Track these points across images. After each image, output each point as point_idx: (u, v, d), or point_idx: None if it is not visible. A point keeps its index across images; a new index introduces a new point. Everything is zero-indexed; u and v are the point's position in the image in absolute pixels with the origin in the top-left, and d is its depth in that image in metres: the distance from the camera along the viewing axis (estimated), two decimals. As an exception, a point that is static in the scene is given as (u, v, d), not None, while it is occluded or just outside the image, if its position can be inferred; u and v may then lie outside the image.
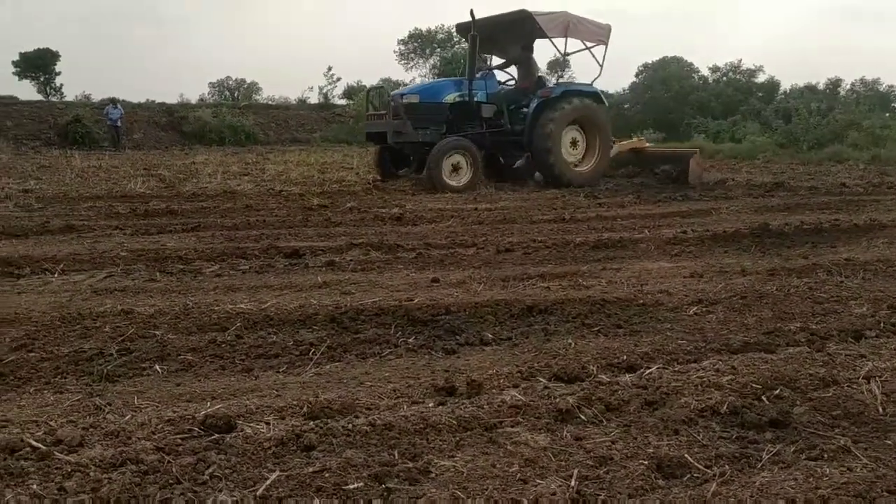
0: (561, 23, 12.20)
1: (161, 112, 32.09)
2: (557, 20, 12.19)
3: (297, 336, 3.58)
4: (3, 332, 3.59)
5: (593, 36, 12.76)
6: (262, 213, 8.47)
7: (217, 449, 2.25)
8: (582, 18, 12.50)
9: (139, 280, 4.84)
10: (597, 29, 12.70)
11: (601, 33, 12.74)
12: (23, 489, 1.98)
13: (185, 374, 3.04)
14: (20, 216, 7.93)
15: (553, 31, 12.27)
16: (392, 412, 2.59)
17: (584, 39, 12.78)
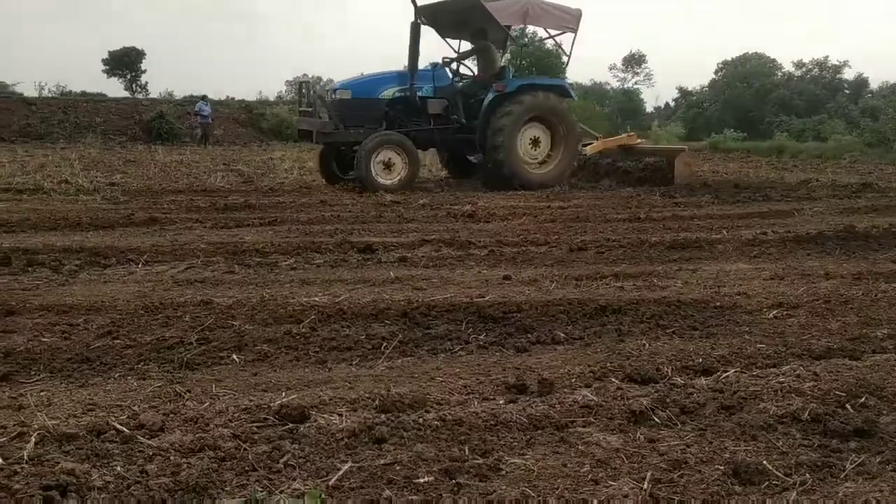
0: (518, 9, 11.16)
1: (240, 109, 32.91)
2: (513, 6, 11.15)
3: (370, 330, 3.62)
4: (90, 319, 3.73)
5: (559, 23, 11.62)
6: (336, 208, 8.59)
7: (291, 438, 2.29)
8: (545, 3, 11.38)
9: (218, 272, 4.97)
10: (563, 15, 11.52)
11: (569, 20, 11.54)
12: (108, 470, 2.06)
13: (261, 364, 3.11)
14: (107, 209, 8.24)
15: (508, 19, 11.26)
16: (463, 408, 2.59)
17: (547, 27, 11.82)
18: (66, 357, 3.12)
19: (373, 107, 10.93)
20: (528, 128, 11.21)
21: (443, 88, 11.40)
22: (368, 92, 10.98)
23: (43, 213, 7.66)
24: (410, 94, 11.04)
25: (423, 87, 11.18)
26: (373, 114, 10.92)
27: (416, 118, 11.30)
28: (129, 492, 1.94)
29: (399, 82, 11.06)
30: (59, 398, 2.67)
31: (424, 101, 11.20)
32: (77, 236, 6.32)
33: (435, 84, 11.31)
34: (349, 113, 10.82)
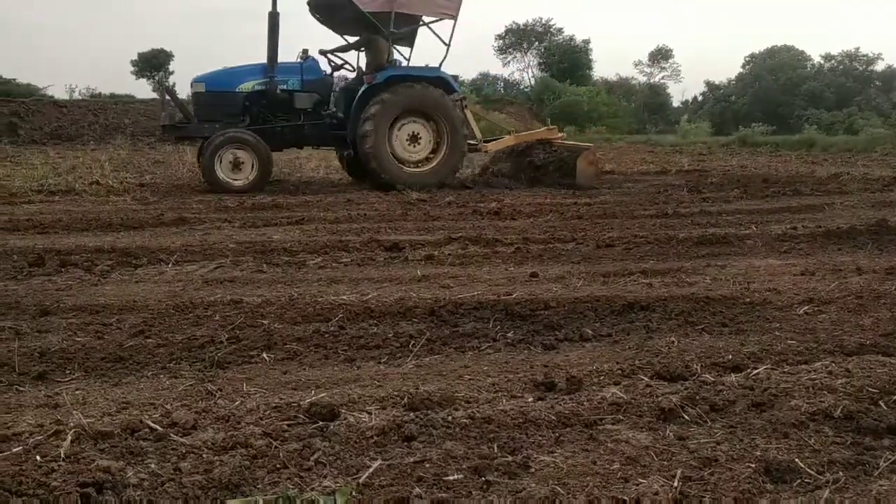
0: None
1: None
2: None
3: (398, 328, 3.63)
4: (122, 318, 3.79)
5: (435, 9, 10.74)
6: (362, 206, 8.63)
7: (321, 436, 2.31)
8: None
9: (247, 271, 5.02)
10: (439, 0, 10.68)
11: (446, 5, 10.66)
12: (142, 468, 2.09)
13: (290, 362, 3.14)
14: (137, 209, 8.35)
15: (372, 6, 10.35)
16: (491, 406, 2.59)
17: (421, 13, 10.88)
18: (99, 356, 3.17)
19: (229, 100, 10.43)
20: (407, 123, 10.56)
21: (313, 82, 10.84)
22: (224, 85, 10.50)
23: (75, 214, 7.78)
24: (270, 87, 10.49)
25: (288, 80, 10.66)
26: (230, 108, 10.44)
27: (283, 113, 10.73)
28: (163, 489, 1.97)
29: (260, 75, 10.53)
30: (94, 397, 2.71)
31: (291, 95, 10.66)
32: (108, 237, 6.41)
33: (303, 77, 10.75)
34: (205, 107, 10.42)
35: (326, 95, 11.04)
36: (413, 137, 10.59)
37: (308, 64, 10.92)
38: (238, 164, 9.90)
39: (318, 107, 10.87)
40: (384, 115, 10.23)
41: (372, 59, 11.14)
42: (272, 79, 10.45)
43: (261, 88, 10.51)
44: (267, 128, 10.51)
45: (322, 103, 10.93)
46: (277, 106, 10.67)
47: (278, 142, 10.87)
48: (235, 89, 10.45)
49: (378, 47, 11.08)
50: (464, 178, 11.85)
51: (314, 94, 10.81)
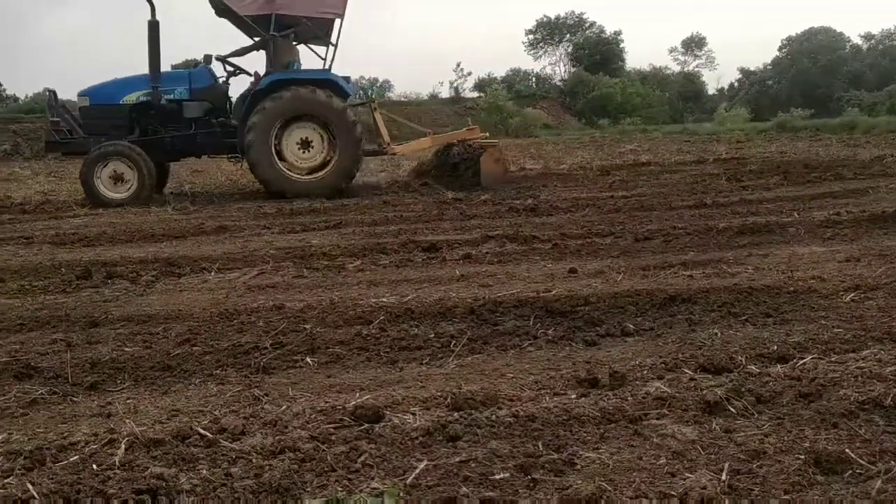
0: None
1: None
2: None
3: (438, 328, 3.65)
4: (168, 327, 3.86)
5: (317, 8, 10.22)
6: (398, 208, 8.68)
7: (367, 438, 2.34)
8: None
9: (288, 276, 5.08)
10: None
11: (330, 3, 10.17)
12: (194, 474, 2.14)
13: (334, 366, 3.18)
14: (178, 219, 8.49)
15: (249, 8, 9.95)
16: (534, 403, 2.60)
17: (302, 13, 10.25)
18: (148, 365, 3.24)
19: (115, 113, 10.22)
20: (297, 128, 10.17)
21: (203, 89, 10.50)
22: (108, 97, 10.31)
23: (118, 226, 7.94)
24: (154, 97, 10.23)
25: (175, 89, 10.38)
26: (116, 121, 10.22)
27: (172, 123, 10.41)
28: (215, 494, 2.01)
29: (144, 86, 10.27)
30: (145, 405, 2.77)
31: (180, 104, 10.36)
32: (152, 247, 6.54)
33: (191, 85, 10.46)
34: (91, 120, 10.22)
35: (219, 102, 10.72)
36: (304, 143, 10.24)
37: (197, 71, 10.74)
38: (118, 177, 9.77)
39: (209, 115, 10.58)
40: (266, 123, 9.93)
41: (271, 61, 10.75)
42: (156, 89, 10.23)
43: (146, 99, 10.29)
44: (155, 139, 10.34)
45: (214, 111, 10.64)
46: (165, 116, 10.42)
47: (168, 152, 10.70)
48: (120, 102, 10.27)
49: (277, 49, 10.71)
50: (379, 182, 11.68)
51: (204, 102, 10.51)
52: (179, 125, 10.40)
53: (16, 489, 2.04)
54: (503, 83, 42.03)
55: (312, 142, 10.21)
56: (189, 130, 10.40)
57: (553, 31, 55.53)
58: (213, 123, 10.55)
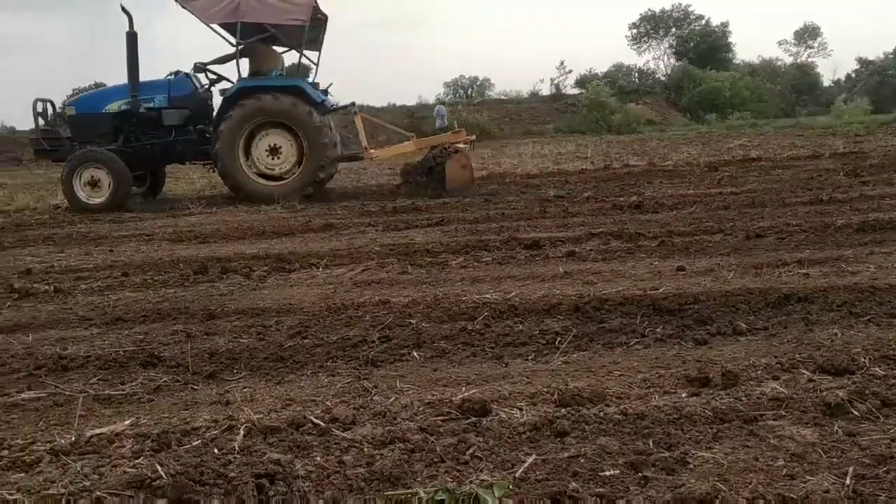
0: (226, 4, 10.04)
1: (402, 114, 33.88)
2: (221, 2, 10.05)
3: (543, 325, 3.64)
4: (280, 321, 4.00)
5: (282, 15, 10.27)
6: (500, 205, 8.68)
7: (475, 431, 2.36)
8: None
9: (392, 272, 5.17)
10: (285, 5, 10.23)
11: (294, 10, 10.24)
12: (309, 461, 2.21)
13: (440, 360, 3.21)
14: (287, 217, 8.77)
15: (215, 17, 10.24)
16: (643, 402, 2.56)
17: (267, 21, 10.36)
18: (262, 356, 3.36)
19: (98, 122, 10.57)
20: (267, 134, 10.35)
21: (182, 98, 10.79)
22: (92, 107, 10.72)
23: (231, 223, 8.27)
24: (133, 106, 10.56)
25: (154, 98, 10.68)
26: (99, 129, 10.56)
27: (152, 131, 10.75)
28: (329, 481, 2.08)
29: (125, 95, 10.62)
30: (261, 394, 2.88)
31: (159, 112, 10.66)
32: (263, 244, 6.78)
33: (171, 94, 10.75)
34: (77, 129, 10.61)
35: (199, 110, 10.89)
36: (273, 150, 10.37)
37: (176, 80, 10.94)
38: (95, 182, 10.11)
39: (189, 122, 10.81)
40: (232, 131, 10.13)
41: (252, 68, 10.99)
42: (135, 97, 10.54)
43: (127, 108, 10.61)
44: (135, 146, 10.63)
45: (194, 118, 10.84)
46: (145, 124, 10.72)
47: (149, 159, 10.97)
48: (102, 111, 10.64)
49: (258, 56, 10.93)
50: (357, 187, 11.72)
51: (183, 109, 10.77)
52: (159, 132, 10.72)
53: (146, 469, 2.16)
54: (605, 79, 41.36)
55: (281, 148, 10.37)
56: (169, 138, 10.71)
57: (657, 24, 54.27)
58: (190, 130, 10.82)
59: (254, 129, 10.27)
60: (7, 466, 2.28)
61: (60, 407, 2.84)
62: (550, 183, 11.04)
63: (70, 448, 2.37)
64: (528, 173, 12.95)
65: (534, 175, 12.62)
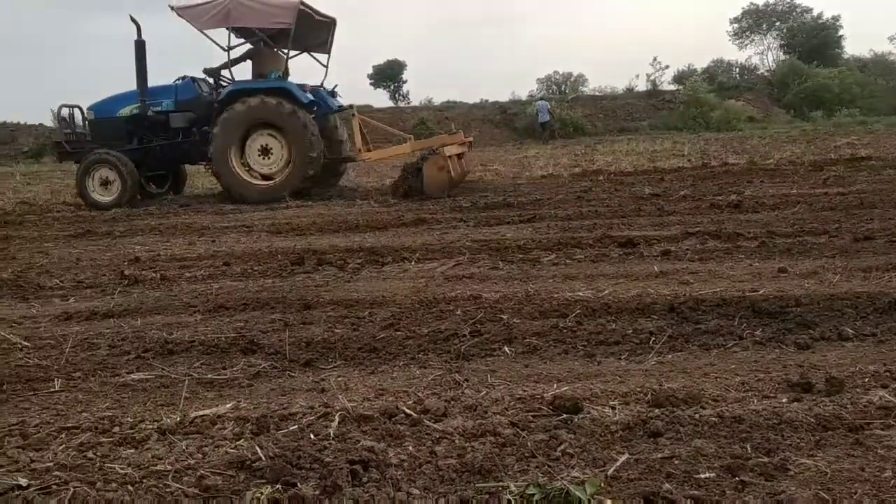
0: (219, 11, 10.47)
1: (495, 110, 33.89)
2: (214, 9, 10.48)
3: (636, 324, 3.58)
4: (373, 312, 4.07)
5: (269, 19, 10.71)
6: (593, 203, 8.58)
7: (566, 428, 2.35)
8: (250, 0, 10.56)
9: (484, 268, 5.18)
10: (271, 9, 10.63)
11: (279, 13, 10.62)
12: (401, 450, 2.25)
13: (531, 356, 3.21)
14: (380, 211, 8.92)
15: (208, 23, 10.61)
16: (741, 405, 2.49)
17: (255, 25, 10.82)
18: (356, 346, 3.43)
19: (113, 125, 11.17)
20: (258, 135, 10.68)
21: (188, 101, 11.26)
22: (107, 111, 11.28)
23: (326, 217, 8.47)
24: (142, 110, 11.09)
25: (162, 102, 11.19)
26: (114, 132, 11.15)
27: (162, 133, 11.27)
28: (421, 470, 2.11)
29: (135, 100, 11.15)
30: (354, 383, 2.95)
31: (167, 116, 11.15)
32: (356, 237, 6.91)
33: (177, 98, 11.24)
34: (95, 132, 11.27)
35: (203, 113, 11.15)
36: (264, 150, 10.73)
37: (182, 85, 11.42)
38: (106, 182, 10.77)
39: (193, 125, 11.19)
40: (225, 133, 10.51)
41: (254, 71, 11.43)
42: (144, 102, 11.09)
43: (137, 112, 11.17)
44: (146, 148, 11.25)
45: (199, 121, 11.16)
46: (154, 127, 11.26)
47: (158, 160, 11.53)
48: (116, 115, 11.24)
49: (261, 59, 11.34)
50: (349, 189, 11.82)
51: (189, 113, 11.20)
52: (167, 135, 11.29)
53: (246, 451, 2.25)
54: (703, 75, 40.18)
55: (272, 149, 10.74)
56: (176, 139, 11.27)
57: (761, 18, 52.38)
58: (193, 132, 11.26)
59: (249, 130, 10.70)
60: (118, 442, 2.41)
61: (167, 388, 2.98)
62: (645, 181, 10.83)
63: (176, 427, 2.48)
64: (622, 171, 12.75)
65: (628, 173, 12.40)
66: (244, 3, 10.49)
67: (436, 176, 10.02)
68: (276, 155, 10.75)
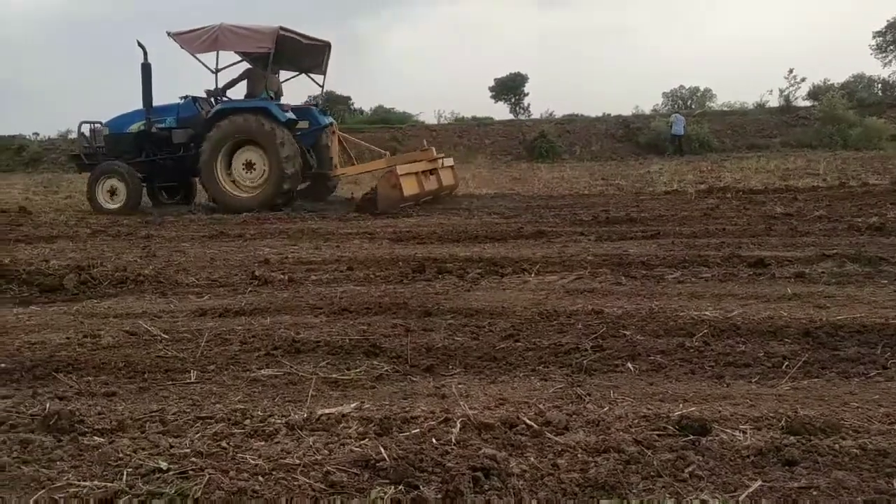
0: (209, 37, 11.39)
1: (617, 124, 33.33)
2: (204, 35, 11.43)
3: (767, 348, 3.43)
4: (493, 322, 4.07)
5: (252, 44, 11.74)
6: (720, 221, 8.29)
7: (694, 450, 2.27)
8: (236, 27, 11.53)
9: (605, 283, 5.09)
10: (255, 35, 11.58)
11: (261, 38, 11.52)
12: (522, 460, 2.24)
13: (655, 374, 3.13)
14: (499, 223, 8.94)
15: (200, 48, 11.55)
16: (885, 438, 2.34)
17: (241, 50, 12.12)
18: (476, 355, 3.45)
19: (123, 140, 12.21)
20: (244, 151, 11.51)
21: (188, 119, 12.17)
22: (119, 127, 12.30)
23: (446, 226, 8.57)
24: (147, 126, 12.05)
25: (166, 119, 12.18)
26: (125, 146, 12.19)
27: (165, 148, 12.18)
28: (543, 482, 2.09)
29: (142, 117, 12.12)
30: (475, 391, 2.96)
31: (169, 132, 12.12)
32: (476, 247, 6.95)
33: (179, 115, 12.23)
34: (109, 146, 12.28)
35: (202, 130, 11.77)
36: (248, 165, 11.54)
37: (184, 104, 12.38)
38: (113, 191, 11.76)
39: (192, 141, 11.97)
40: (211, 149, 11.39)
41: (248, 91, 12.36)
42: (149, 119, 12.08)
43: (143, 129, 12.15)
44: (152, 160, 12.20)
45: (197, 137, 11.83)
46: (158, 142, 12.23)
47: (162, 173, 12.50)
48: (126, 131, 12.26)
49: (254, 80, 12.24)
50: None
51: (189, 129, 12.09)
52: (170, 149, 12.22)
53: (370, 450, 2.29)
54: (842, 90, 38.15)
55: (255, 163, 11.55)
56: (178, 154, 12.16)
57: (908, 31, 49.28)
58: (192, 147, 12.00)
59: (235, 146, 11.56)
60: (250, 434, 2.51)
61: (294, 385, 3.09)
62: (777, 199, 10.37)
63: (303, 423, 2.57)
64: (752, 188, 12.25)
65: (758, 191, 11.91)
66: (230, 29, 11.54)
67: (388, 193, 10.52)
68: (259, 169, 11.56)
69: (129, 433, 2.54)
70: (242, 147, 11.56)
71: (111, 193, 11.83)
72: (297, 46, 12.20)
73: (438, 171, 11.94)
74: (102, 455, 2.34)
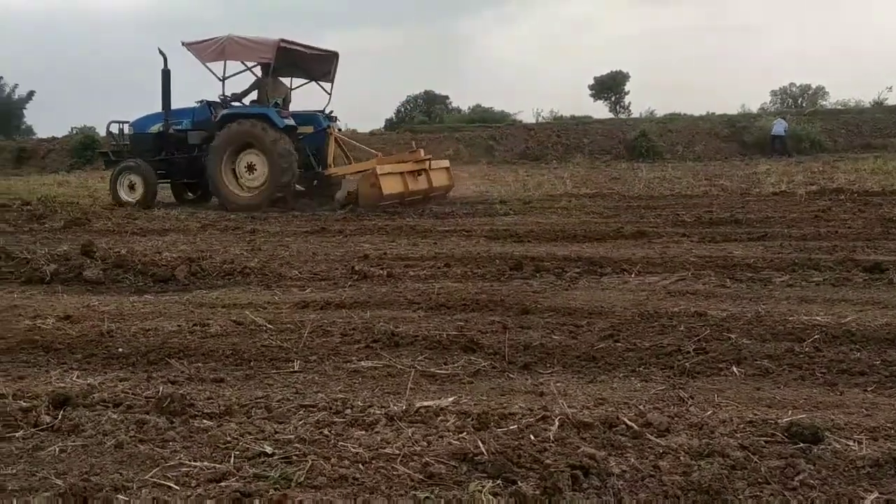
0: (217, 48, 12.12)
1: (721, 123, 32.32)
2: (212, 45, 12.16)
3: (885, 356, 3.26)
4: (591, 322, 4.02)
5: (256, 55, 12.51)
6: (832, 223, 7.93)
7: (805, 458, 2.18)
8: (241, 38, 12.24)
9: (709, 285, 4.95)
10: (258, 46, 12.33)
11: (263, 50, 12.25)
12: (622, 460, 2.20)
13: (762, 379, 3.02)
14: (598, 222, 8.81)
15: (209, 57, 12.26)
16: None
17: (246, 60, 12.85)
18: (574, 354, 3.41)
19: (145, 140, 13.04)
20: (246, 154, 12.05)
21: (202, 122, 12.80)
22: (142, 127, 13.13)
23: (544, 225, 8.51)
24: (165, 128, 12.86)
25: (182, 121, 12.91)
26: (147, 145, 12.98)
27: (181, 148, 12.90)
28: (643, 483, 2.05)
29: (161, 119, 12.92)
30: (573, 390, 2.93)
31: (185, 134, 12.86)
32: (574, 247, 6.87)
33: (194, 119, 12.91)
34: (134, 145, 13.14)
35: (214, 133, 12.31)
36: (249, 167, 12.09)
37: (199, 107, 13.05)
38: (132, 186, 12.57)
39: (205, 142, 12.49)
40: (217, 153, 11.97)
41: (258, 98, 13.01)
42: (167, 121, 12.91)
43: (161, 130, 12.98)
44: (169, 160, 13.01)
45: (210, 139, 12.33)
46: (175, 142, 13.01)
47: (179, 171, 13.19)
48: (147, 131, 13.10)
49: (264, 88, 12.87)
50: None
51: (202, 132, 12.70)
52: (187, 150, 12.93)
53: (468, 444, 2.30)
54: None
55: (256, 166, 12.09)
56: (192, 154, 12.84)
57: None
58: (204, 149, 12.55)
59: (239, 149, 12.13)
60: (350, 423, 2.57)
61: (393, 378, 3.14)
62: (895, 202, 9.84)
63: (402, 415, 2.60)
64: (867, 190, 11.65)
65: (874, 193, 11.31)
66: (236, 41, 12.28)
67: (368, 192, 11.11)
68: (259, 171, 12.12)
69: (235, 418, 2.64)
70: (245, 150, 12.20)
71: (130, 188, 12.67)
72: (303, 57, 13.07)
73: (429, 172, 12.45)
74: (211, 437, 2.43)
